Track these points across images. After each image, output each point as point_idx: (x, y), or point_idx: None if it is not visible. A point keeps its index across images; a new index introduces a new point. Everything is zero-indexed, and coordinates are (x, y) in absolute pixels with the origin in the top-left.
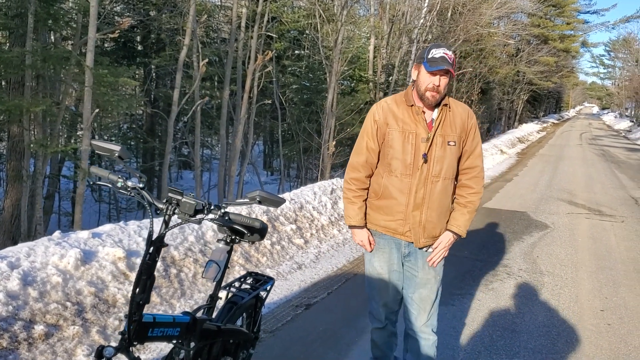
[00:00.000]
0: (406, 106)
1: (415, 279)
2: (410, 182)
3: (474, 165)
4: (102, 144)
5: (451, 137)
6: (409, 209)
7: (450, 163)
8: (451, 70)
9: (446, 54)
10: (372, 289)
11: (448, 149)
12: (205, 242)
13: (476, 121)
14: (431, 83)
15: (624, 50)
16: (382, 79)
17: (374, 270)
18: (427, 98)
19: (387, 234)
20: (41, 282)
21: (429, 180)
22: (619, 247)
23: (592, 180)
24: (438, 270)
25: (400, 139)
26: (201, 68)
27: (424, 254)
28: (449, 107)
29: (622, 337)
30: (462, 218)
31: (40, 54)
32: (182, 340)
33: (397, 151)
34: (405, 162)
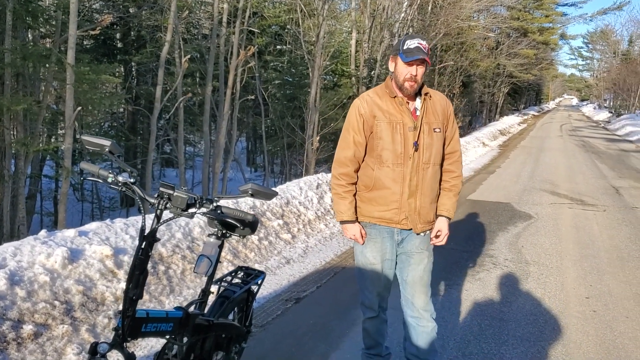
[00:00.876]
0: (389, 97)
1: (410, 260)
2: (403, 171)
3: (455, 149)
4: (92, 139)
5: (436, 124)
6: (403, 197)
7: (438, 149)
8: (427, 59)
9: (420, 43)
10: (364, 279)
11: (435, 136)
12: (192, 239)
13: (452, 107)
14: (409, 73)
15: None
16: (364, 73)
17: (367, 260)
18: (405, 88)
19: (380, 224)
20: (28, 282)
21: (420, 167)
22: (601, 236)
23: (573, 170)
24: (430, 250)
25: (389, 130)
26: (183, 64)
27: (419, 238)
28: (430, 96)
29: (607, 323)
30: (449, 202)
31: (20, 51)
32: (175, 335)
33: (386, 142)
34: (396, 152)
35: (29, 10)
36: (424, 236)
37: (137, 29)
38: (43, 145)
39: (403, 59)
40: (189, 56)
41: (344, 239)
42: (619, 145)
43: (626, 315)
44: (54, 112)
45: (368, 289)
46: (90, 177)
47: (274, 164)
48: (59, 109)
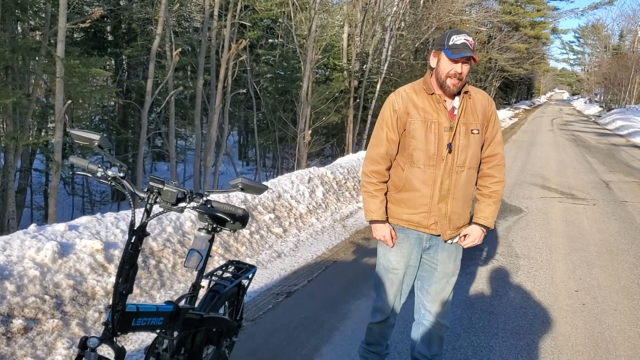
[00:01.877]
0: (426, 94)
1: (434, 272)
2: (434, 173)
3: (495, 152)
4: (81, 133)
5: (474, 125)
6: (433, 200)
7: (475, 152)
8: (473, 57)
9: (467, 40)
10: (383, 283)
11: (472, 138)
12: (183, 233)
13: (494, 106)
14: (453, 70)
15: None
16: (356, 67)
17: (389, 264)
18: (448, 86)
19: (409, 228)
20: (18, 276)
21: (453, 170)
22: (591, 230)
23: (564, 164)
24: (457, 264)
25: (422, 129)
26: (174, 58)
27: (445, 246)
28: (469, 95)
29: (596, 316)
30: (488, 209)
31: (9, 44)
32: (165, 329)
33: (419, 141)
34: (428, 153)
35: (18, 3)
36: (452, 247)
37: (128, 22)
38: (33, 138)
39: (448, 55)
40: (180, 49)
41: (336, 233)
42: (609, 140)
43: (614, 308)
44: (44, 105)
45: (386, 292)
46: (80, 172)
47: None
48: (48, 102)
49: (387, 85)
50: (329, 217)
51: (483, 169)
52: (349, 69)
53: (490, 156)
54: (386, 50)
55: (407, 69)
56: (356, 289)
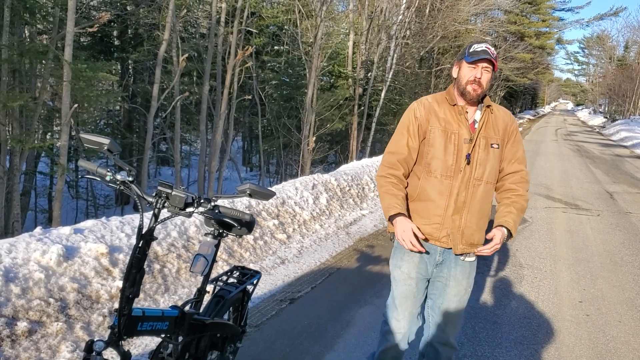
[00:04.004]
0: (448, 105)
1: (446, 289)
2: (451, 184)
3: (519, 169)
4: (90, 137)
5: (494, 140)
6: (448, 212)
7: (493, 166)
8: (494, 62)
9: (488, 48)
10: (398, 297)
11: (491, 152)
12: (188, 238)
13: (517, 125)
14: (472, 75)
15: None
16: (361, 75)
17: (402, 274)
18: (468, 92)
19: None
20: (23, 279)
21: (471, 183)
22: (595, 240)
23: (568, 175)
24: (471, 282)
25: (442, 139)
26: (181, 63)
27: (459, 263)
28: (492, 109)
29: (600, 327)
30: (510, 215)
31: (17, 48)
32: (170, 334)
33: (438, 151)
34: (446, 163)
35: (26, 7)
36: (466, 263)
37: (135, 27)
38: (38, 142)
39: (467, 60)
40: (186, 55)
41: (339, 240)
42: (613, 151)
43: (619, 320)
44: (50, 108)
45: (401, 307)
46: (88, 175)
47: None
48: (55, 105)
49: (391, 93)
50: (332, 224)
51: (505, 184)
52: (354, 77)
53: (513, 172)
54: (391, 58)
55: (412, 77)
56: (360, 297)
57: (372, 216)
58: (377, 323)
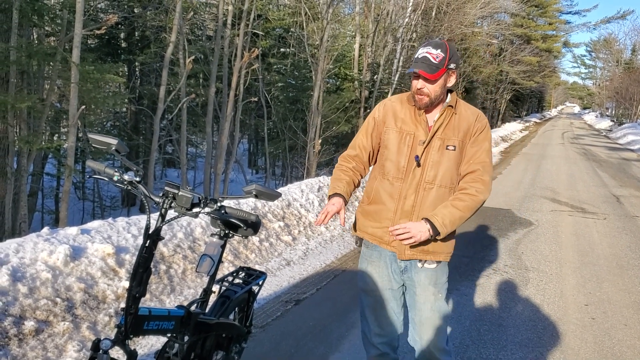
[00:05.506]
0: (409, 105)
1: (415, 297)
2: (401, 187)
3: (473, 169)
4: (98, 137)
5: (452, 142)
6: (397, 216)
7: (448, 169)
8: (423, 75)
9: (430, 53)
10: (364, 308)
11: (446, 154)
12: (194, 239)
13: (486, 126)
14: (415, 86)
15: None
16: (367, 78)
17: (366, 286)
18: (416, 102)
19: (377, 245)
20: (31, 278)
21: (421, 186)
22: (601, 244)
23: (574, 178)
24: (440, 288)
25: (396, 140)
26: (187, 65)
27: (424, 270)
28: (455, 110)
29: (606, 331)
30: (444, 210)
31: (25, 50)
32: (176, 333)
33: (391, 152)
34: (398, 165)
35: (35, 9)
36: (430, 270)
37: (142, 29)
38: (46, 143)
39: (408, 70)
40: (193, 57)
41: (345, 242)
42: (620, 154)
43: (625, 323)
44: (58, 110)
45: (368, 319)
46: (96, 175)
47: (275, 166)
48: (62, 107)
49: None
50: (338, 226)
51: (459, 185)
52: (360, 79)
53: (469, 172)
54: (397, 61)
55: None
56: None
57: None
58: None
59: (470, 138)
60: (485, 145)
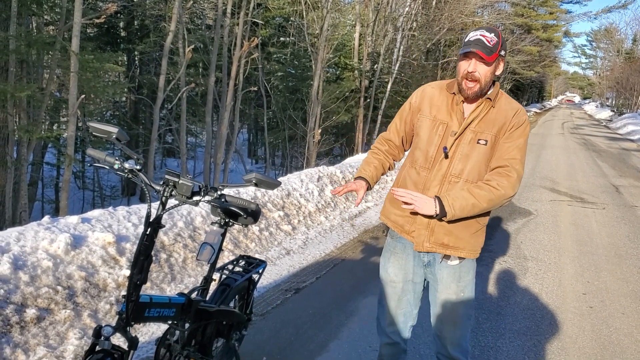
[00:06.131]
0: (448, 93)
1: (436, 294)
2: (426, 177)
3: (502, 164)
4: (99, 126)
5: (485, 136)
6: None
7: (477, 164)
8: (480, 54)
9: (484, 35)
10: (382, 298)
11: (477, 148)
12: (194, 228)
13: (524, 122)
14: (465, 70)
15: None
16: (367, 67)
17: (387, 276)
18: (463, 89)
19: (400, 236)
20: (32, 267)
21: (446, 179)
22: (600, 233)
23: (574, 168)
24: (463, 287)
25: (428, 128)
26: (187, 54)
27: (446, 267)
28: (494, 103)
29: (603, 319)
30: (455, 192)
31: (24, 39)
32: (177, 321)
33: (422, 141)
34: (427, 154)
35: None
36: (456, 267)
37: (141, 18)
38: (45, 132)
39: (460, 52)
40: (192, 46)
41: (344, 232)
42: (620, 144)
43: (622, 312)
44: (57, 99)
45: (384, 308)
46: (97, 164)
47: (275, 156)
48: (62, 96)
49: (398, 85)
50: (337, 216)
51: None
52: (360, 69)
53: (496, 167)
54: (397, 50)
55: (418, 69)
56: (364, 287)
57: (377, 208)
58: None
59: (504, 133)
60: (519, 141)
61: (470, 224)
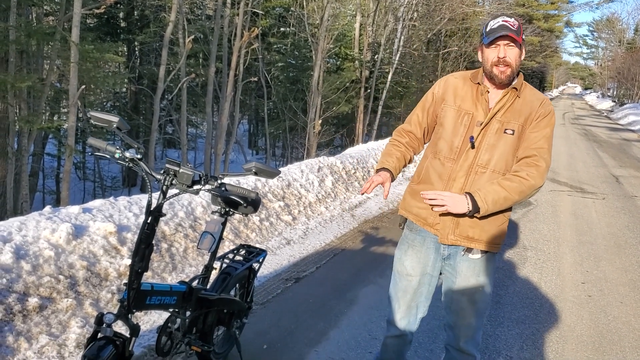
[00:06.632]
0: (472, 83)
1: (453, 287)
2: (452, 168)
3: (530, 154)
4: (100, 115)
5: (511, 125)
6: None
7: (503, 154)
8: (511, 36)
9: (506, 21)
10: (396, 291)
11: (503, 138)
12: (195, 218)
13: (550, 112)
14: (495, 56)
15: (607, 31)
16: (367, 57)
17: (404, 270)
18: (495, 75)
19: (421, 228)
20: (34, 256)
21: (473, 169)
22: (599, 223)
23: (574, 158)
24: (483, 282)
25: (452, 118)
26: (187, 45)
27: (465, 258)
28: (520, 92)
29: (602, 308)
30: (487, 187)
31: (24, 29)
32: (178, 308)
33: (446, 131)
34: (452, 145)
35: None
36: (476, 260)
37: (141, 9)
38: (46, 123)
39: (485, 42)
40: (192, 37)
41: (344, 222)
42: (621, 135)
43: (621, 301)
44: (57, 90)
45: (398, 302)
46: (98, 153)
47: (275, 146)
48: (62, 87)
49: (398, 75)
50: (337, 206)
51: (513, 167)
52: (361, 59)
53: (523, 157)
54: (398, 40)
55: (419, 59)
56: (364, 277)
57: (377, 199)
58: (381, 302)
59: (531, 123)
60: (546, 131)
61: (497, 217)
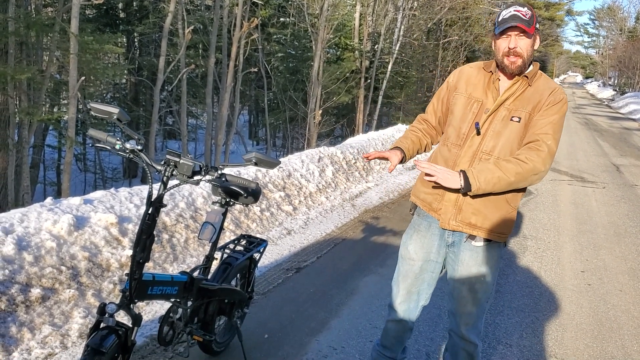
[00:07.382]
0: (485, 72)
1: (455, 274)
2: (457, 154)
3: (534, 139)
4: (100, 107)
5: (519, 113)
6: None
7: (509, 141)
8: (521, 26)
9: (518, 10)
10: (398, 275)
11: (510, 125)
12: (196, 209)
13: (560, 100)
14: (506, 47)
15: (609, 19)
16: (367, 47)
17: (407, 253)
18: (506, 66)
19: (427, 214)
20: (36, 247)
21: (477, 156)
22: (599, 212)
23: (575, 148)
24: (485, 271)
25: (462, 105)
26: (187, 36)
27: (469, 248)
28: (530, 81)
29: (601, 297)
30: (482, 165)
31: (23, 20)
32: (179, 298)
33: (455, 118)
34: (459, 131)
35: None
36: (480, 249)
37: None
38: (46, 114)
39: (497, 32)
40: (192, 27)
41: (345, 212)
42: (621, 124)
43: (620, 289)
44: (57, 81)
45: (398, 285)
46: (98, 144)
47: (275, 137)
48: (62, 78)
49: (398, 65)
50: (338, 196)
51: None
52: (361, 49)
53: (527, 142)
54: (398, 30)
55: (419, 49)
56: (364, 266)
57: (377, 189)
58: (381, 291)
59: (539, 111)
60: (553, 117)
61: (500, 204)
